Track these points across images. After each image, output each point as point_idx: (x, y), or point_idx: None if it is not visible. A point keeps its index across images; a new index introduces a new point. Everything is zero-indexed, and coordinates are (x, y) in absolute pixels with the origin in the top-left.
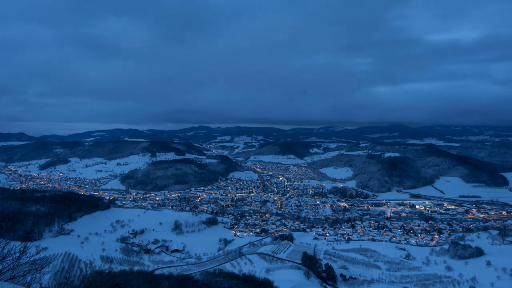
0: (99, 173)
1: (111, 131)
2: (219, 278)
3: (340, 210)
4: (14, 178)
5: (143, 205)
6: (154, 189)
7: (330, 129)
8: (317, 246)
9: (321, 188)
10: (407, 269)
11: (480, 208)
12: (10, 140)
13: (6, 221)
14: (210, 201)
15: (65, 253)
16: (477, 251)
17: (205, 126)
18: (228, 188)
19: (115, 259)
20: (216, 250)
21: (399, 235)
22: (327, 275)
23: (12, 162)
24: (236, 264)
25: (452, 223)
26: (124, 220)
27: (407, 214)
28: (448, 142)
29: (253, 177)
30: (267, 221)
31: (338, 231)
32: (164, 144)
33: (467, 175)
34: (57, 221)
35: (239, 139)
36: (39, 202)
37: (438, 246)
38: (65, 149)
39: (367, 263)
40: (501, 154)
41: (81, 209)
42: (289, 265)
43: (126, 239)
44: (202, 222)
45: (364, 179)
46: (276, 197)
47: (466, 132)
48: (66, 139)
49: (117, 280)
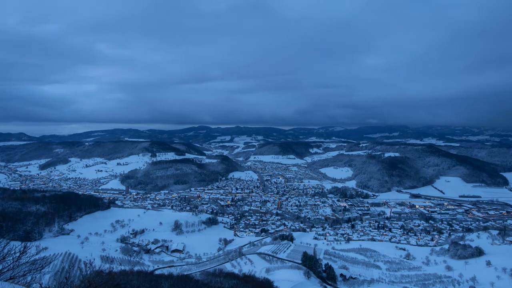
0: (99, 173)
1: (111, 131)
2: (219, 278)
3: (340, 210)
4: (14, 178)
5: (143, 205)
6: (154, 189)
7: (330, 129)
8: (317, 246)
9: (321, 188)
10: (407, 269)
11: (480, 208)
12: (10, 140)
13: (6, 221)
14: (210, 201)
15: (65, 253)
16: (477, 251)
17: (205, 126)
18: (228, 188)
19: (115, 259)
20: (216, 250)
21: (399, 235)
22: (327, 275)
23: (12, 162)
24: (236, 264)
25: (452, 223)
26: (124, 220)
27: (407, 214)
28: (448, 142)
29: (253, 177)
30: (267, 221)
31: (338, 231)
32: (164, 144)
33: (467, 175)
34: (57, 221)
35: (239, 139)
36: (39, 202)
37: (438, 246)
38: (65, 149)
39: (367, 263)
40: (501, 154)
41: (81, 209)
42: (289, 265)
43: (126, 239)
44: (202, 222)
45: (364, 179)
46: (276, 197)
47: (466, 132)
48: (66, 139)
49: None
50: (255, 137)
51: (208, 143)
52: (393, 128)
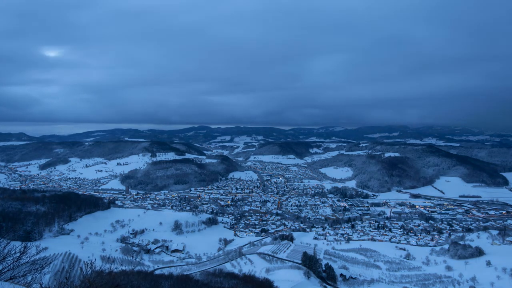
0: (99, 173)
1: (111, 131)
2: (219, 278)
3: (340, 210)
4: (14, 178)
5: (143, 205)
6: (154, 189)
7: (330, 129)
8: (317, 246)
9: (321, 188)
10: (407, 269)
11: (480, 208)
12: (10, 140)
13: (6, 221)
14: (210, 201)
15: (65, 253)
16: (477, 251)
17: (205, 126)
18: (228, 188)
19: (115, 259)
20: (216, 250)
21: (399, 235)
22: (327, 275)
23: (12, 162)
24: (236, 264)
25: (452, 223)
26: (124, 220)
27: (407, 214)
28: (448, 142)
29: (253, 177)
30: (267, 221)
31: (338, 231)
32: (164, 144)
33: (467, 175)
34: (57, 221)
35: (239, 139)
36: (39, 202)
37: (438, 246)
38: (65, 149)
39: (367, 263)
40: (501, 154)
41: (81, 209)
42: (289, 265)
43: (126, 239)
44: (202, 222)
45: (364, 179)
46: (276, 197)
47: (466, 132)
48: (66, 139)
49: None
50: (255, 137)
51: (208, 143)
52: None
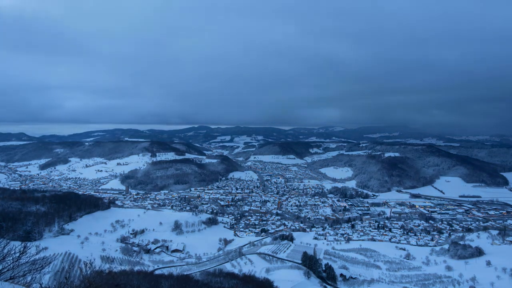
0: (99, 173)
1: (111, 131)
2: (219, 278)
3: (340, 210)
4: (14, 178)
5: (143, 205)
6: (154, 189)
7: (330, 129)
8: (317, 246)
9: (321, 188)
10: (407, 269)
11: (480, 208)
12: (10, 140)
13: (6, 221)
14: (210, 201)
15: (65, 253)
16: (477, 251)
17: (205, 126)
18: (228, 188)
19: (115, 259)
20: (216, 250)
21: (399, 235)
22: (327, 275)
23: (12, 162)
24: (236, 264)
25: (452, 223)
26: (124, 220)
27: (407, 214)
28: (448, 142)
29: (253, 177)
30: (267, 221)
31: (338, 231)
32: (164, 144)
33: (467, 175)
34: (57, 221)
35: (239, 139)
36: (39, 202)
37: (438, 246)
38: (65, 149)
39: (367, 263)
40: (501, 154)
41: (81, 209)
42: (289, 265)
43: (126, 239)
44: (202, 222)
45: (364, 179)
46: (276, 197)
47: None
48: (66, 139)
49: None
50: (255, 137)
51: (208, 143)
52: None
